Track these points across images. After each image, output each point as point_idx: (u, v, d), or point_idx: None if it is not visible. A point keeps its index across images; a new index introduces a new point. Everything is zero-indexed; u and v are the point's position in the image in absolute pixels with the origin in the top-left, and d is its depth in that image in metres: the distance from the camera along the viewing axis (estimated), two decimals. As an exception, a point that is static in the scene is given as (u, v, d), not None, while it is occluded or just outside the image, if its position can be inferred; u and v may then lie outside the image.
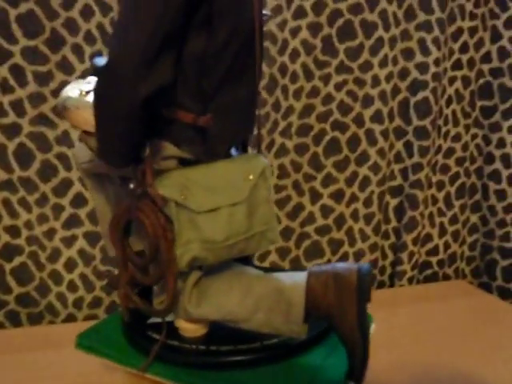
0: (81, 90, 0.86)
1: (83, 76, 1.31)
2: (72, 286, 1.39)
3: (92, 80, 0.91)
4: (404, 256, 1.62)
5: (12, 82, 1.26)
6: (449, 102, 1.62)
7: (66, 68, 1.29)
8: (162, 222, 0.83)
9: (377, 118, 1.54)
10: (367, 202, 1.59)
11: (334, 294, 0.84)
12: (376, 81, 1.52)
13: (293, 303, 0.86)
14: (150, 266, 0.91)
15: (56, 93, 1.29)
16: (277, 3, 1.39)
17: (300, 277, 0.89)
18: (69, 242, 1.36)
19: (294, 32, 1.42)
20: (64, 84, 1.29)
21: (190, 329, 0.99)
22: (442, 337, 1.31)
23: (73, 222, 1.36)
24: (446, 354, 1.22)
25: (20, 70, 1.25)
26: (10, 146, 1.29)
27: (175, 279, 0.85)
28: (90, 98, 0.85)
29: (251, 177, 0.86)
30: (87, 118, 0.83)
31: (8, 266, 1.35)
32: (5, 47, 1.23)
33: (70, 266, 1.37)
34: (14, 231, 1.33)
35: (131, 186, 0.86)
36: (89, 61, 1.29)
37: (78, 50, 1.28)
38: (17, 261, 1.35)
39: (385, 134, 1.55)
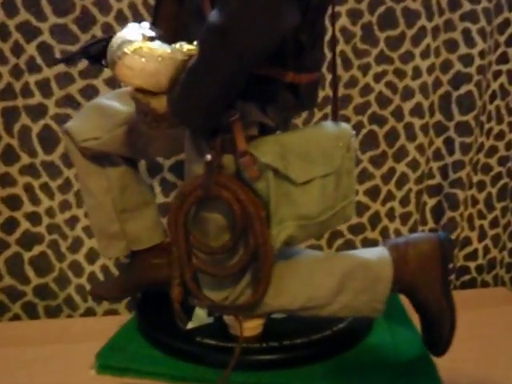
0: (143, 34, 0.71)
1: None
2: (93, 279, 1.31)
3: (147, 25, 0.76)
4: (442, 259, 1.52)
5: (39, 60, 1.21)
6: (493, 97, 1.53)
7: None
8: (253, 197, 0.72)
9: (417, 111, 1.46)
10: (404, 201, 1.50)
11: (416, 264, 0.82)
12: (417, 72, 1.44)
13: (380, 278, 0.83)
14: (225, 255, 0.79)
15: (84, 74, 1.23)
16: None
17: (380, 251, 0.86)
18: (91, 231, 1.29)
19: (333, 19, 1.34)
20: (95, 66, 1.23)
21: (250, 326, 0.89)
22: (479, 347, 1.22)
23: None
24: (483, 366, 1.12)
25: (48, 48, 1.20)
26: (35, 129, 1.23)
27: (271, 265, 0.74)
28: (155, 45, 0.70)
29: (341, 144, 0.78)
30: (154, 72, 0.67)
31: (27, 255, 1.28)
32: (33, 24, 1.18)
33: (92, 256, 1.30)
34: (34, 218, 1.27)
35: (208, 157, 0.72)
36: None
37: (108, 29, 1.23)
38: (36, 250, 1.29)
39: (425, 128, 1.47)
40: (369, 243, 1.50)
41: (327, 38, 1.30)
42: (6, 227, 1.26)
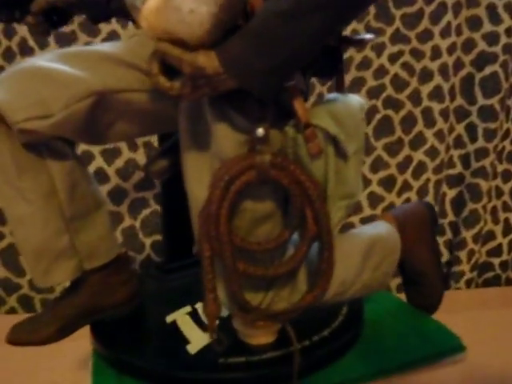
0: None
1: (110, 38, 1.18)
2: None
3: None
4: (462, 255, 1.42)
5: (31, 43, 1.15)
6: (520, 79, 1.41)
7: (91, 29, 1.17)
8: (313, 178, 0.62)
9: (436, 95, 1.35)
10: (422, 192, 1.40)
11: (413, 232, 0.88)
12: (436, 53, 1.33)
13: (393, 251, 0.86)
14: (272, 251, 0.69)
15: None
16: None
17: (385, 224, 0.88)
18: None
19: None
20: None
21: (270, 332, 0.81)
22: (504, 349, 1.12)
23: (93, 200, 1.23)
24: (509, 370, 1.03)
25: (40, 29, 1.14)
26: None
27: (334, 254, 0.65)
28: None
29: (363, 117, 0.72)
30: (196, 14, 0.50)
31: (22, 247, 1.23)
32: (25, 4, 1.12)
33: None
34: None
35: (260, 131, 0.60)
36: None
37: None
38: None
39: (445, 113, 1.36)
40: (383, 237, 1.41)
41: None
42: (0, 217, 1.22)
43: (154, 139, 1.24)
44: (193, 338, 0.85)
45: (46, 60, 0.69)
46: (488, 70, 1.34)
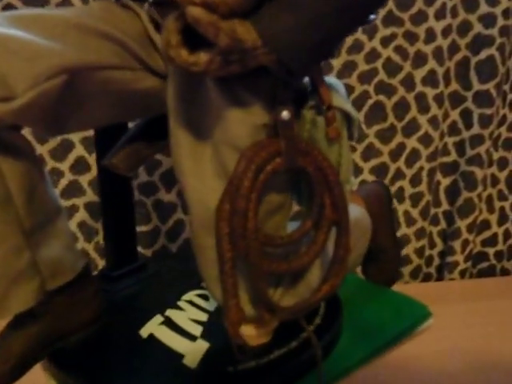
0: None
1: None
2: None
3: None
4: (457, 245, 1.38)
5: None
6: (518, 63, 1.36)
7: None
8: (332, 163, 0.57)
9: (430, 80, 1.30)
10: (415, 180, 1.36)
11: (376, 209, 0.90)
12: (431, 35, 1.28)
13: (366, 231, 0.86)
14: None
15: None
16: None
17: (357, 207, 0.88)
18: (68, 213, 1.20)
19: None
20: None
21: (267, 331, 0.73)
22: (498, 340, 1.09)
23: (73, 190, 1.19)
24: (504, 361, 1.00)
25: (14, 9, 1.09)
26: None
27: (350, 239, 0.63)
28: None
29: None
30: None
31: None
32: (-3, -16, 1.07)
33: (70, 240, 1.21)
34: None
35: (285, 114, 0.53)
36: None
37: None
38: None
39: (439, 99, 1.31)
40: (375, 227, 1.37)
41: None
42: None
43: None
44: (185, 350, 0.75)
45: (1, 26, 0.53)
46: (484, 54, 1.29)
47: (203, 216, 0.56)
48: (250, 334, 0.73)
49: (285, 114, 0.53)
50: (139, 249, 1.27)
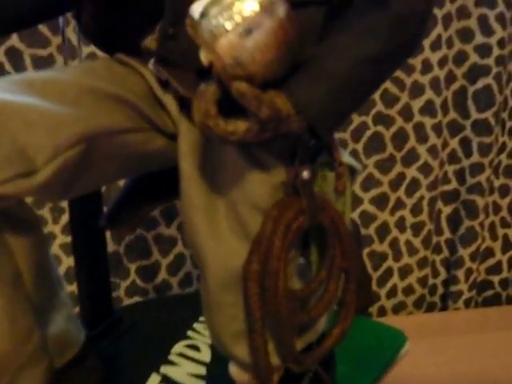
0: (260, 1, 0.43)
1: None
2: (72, 299, 1.22)
3: None
4: (460, 274, 1.37)
5: (8, 66, 1.12)
6: (515, 91, 1.37)
7: (69, 51, 1.14)
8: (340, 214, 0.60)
9: (428, 109, 1.31)
10: (416, 209, 1.35)
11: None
12: (427, 66, 1.29)
13: None
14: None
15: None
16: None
17: None
18: (69, 248, 1.20)
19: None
20: (67, 70, 1.14)
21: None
22: (505, 375, 1.07)
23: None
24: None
25: (17, 53, 1.12)
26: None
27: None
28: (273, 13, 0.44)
29: None
30: (278, 48, 0.45)
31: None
32: (0, 28, 1.10)
33: (71, 276, 1.21)
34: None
35: (306, 173, 0.54)
36: None
37: (81, 30, 1.13)
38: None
39: (437, 128, 1.32)
40: (377, 256, 1.36)
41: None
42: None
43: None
44: None
45: (6, 91, 0.51)
46: (481, 83, 1.30)
47: (222, 276, 0.55)
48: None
49: (305, 174, 0.54)
50: (140, 283, 1.27)
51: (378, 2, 0.52)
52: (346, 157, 0.61)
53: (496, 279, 1.45)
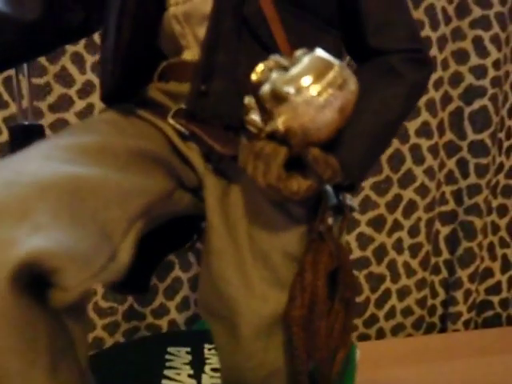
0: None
1: (85, 89, 1.16)
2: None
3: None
4: (459, 295, 1.36)
5: (6, 96, 1.14)
6: (512, 111, 1.37)
7: (66, 80, 1.15)
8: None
9: (424, 131, 1.31)
10: (413, 231, 1.35)
11: None
12: (422, 88, 1.29)
13: None
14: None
15: (54, 108, 1.15)
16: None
17: None
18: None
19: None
20: (65, 99, 1.15)
21: None
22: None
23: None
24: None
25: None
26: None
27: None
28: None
29: None
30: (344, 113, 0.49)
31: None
32: None
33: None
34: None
35: (329, 220, 0.59)
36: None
37: (78, 59, 1.15)
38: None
39: (434, 150, 1.32)
40: (375, 278, 1.36)
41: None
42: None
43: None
44: None
45: (66, 161, 0.48)
46: (477, 104, 1.30)
47: (256, 323, 0.57)
48: None
49: (330, 220, 0.59)
50: (137, 307, 1.27)
51: (396, 73, 0.59)
52: (347, 199, 0.64)
53: (496, 299, 1.43)
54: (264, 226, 0.57)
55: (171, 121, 0.60)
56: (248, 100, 0.52)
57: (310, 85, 0.46)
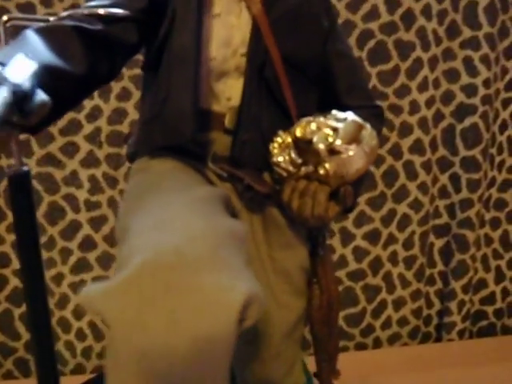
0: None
1: (93, 114, 1.23)
2: (81, 335, 1.30)
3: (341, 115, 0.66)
4: (453, 306, 1.41)
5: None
6: (503, 127, 1.41)
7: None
8: None
9: (417, 148, 1.36)
10: (407, 244, 1.40)
11: None
12: (415, 107, 1.34)
13: None
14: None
15: (64, 131, 1.23)
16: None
17: None
18: (77, 287, 1.28)
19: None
20: (74, 123, 1.23)
21: None
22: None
23: (81, 266, 1.28)
24: None
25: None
26: (19, 187, 1.24)
27: None
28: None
29: None
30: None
31: (17, 312, 1.29)
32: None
33: (79, 313, 1.29)
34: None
35: (320, 251, 0.74)
36: None
37: (86, 85, 1.22)
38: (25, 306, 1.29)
39: (427, 166, 1.37)
40: (371, 289, 1.41)
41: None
42: (-5, 285, 1.28)
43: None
44: None
45: (212, 214, 0.53)
46: (468, 122, 1.34)
47: (285, 330, 0.69)
48: None
49: (320, 250, 0.73)
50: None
51: (367, 97, 0.78)
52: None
53: (490, 310, 1.47)
54: (285, 247, 0.70)
55: (211, 165, 0.71)
56: (272, 147, 0.65)
57: (355, 144, 0.62)
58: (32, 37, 0.59)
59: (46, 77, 0.54)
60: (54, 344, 1.28)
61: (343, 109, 0.68)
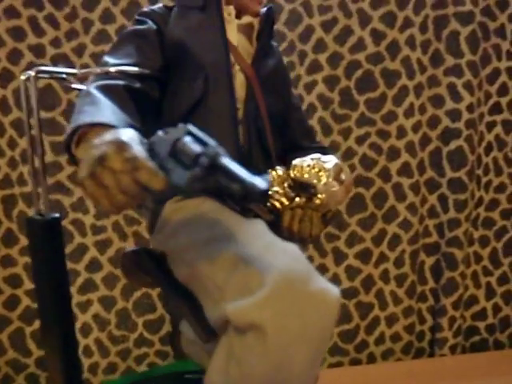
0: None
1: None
2: (87, 351, 1.38)
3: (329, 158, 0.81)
4: (444, 322, 1.45)
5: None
6: (488, 149, 1.46)
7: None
8: None
9: (405, 171, 1.42)
10: (398, 262, 1.46)
11: None
12: (402, 132, 1.41)
13: None
14: None
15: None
16: (289, 59, 1.35)
17: None
18: (84, 306, 1.37)
19: (310, 87, 1.36)
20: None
21: None
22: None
23: (88, 286, 1.36)
24: None
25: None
26: (30, 213, 1.33)
27: None
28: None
29: None
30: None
31: (28, 329, 1.37)
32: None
33: (86, 330, 1.37)
34: (33, 296, 1.36)
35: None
36: None
37: (92, 118, 1.32)
38: (37, 324, 1.37)
39: (415, 187, 1.43)
40: (364, 307, 1.46)
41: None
42: (8, 304, 1.36)
43: (142, 228, 1.36)
44: None
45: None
46: (453, 145, 1.41)
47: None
48: None
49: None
50: (147, 335, 1.42)
51: (314, 139, 0.98)
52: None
53: (482, 325, 1.52)
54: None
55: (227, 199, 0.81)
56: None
57: (338, 180, 0.78)
58: (102, 98, 0.68)
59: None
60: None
61: (298, 149, 0.91)
